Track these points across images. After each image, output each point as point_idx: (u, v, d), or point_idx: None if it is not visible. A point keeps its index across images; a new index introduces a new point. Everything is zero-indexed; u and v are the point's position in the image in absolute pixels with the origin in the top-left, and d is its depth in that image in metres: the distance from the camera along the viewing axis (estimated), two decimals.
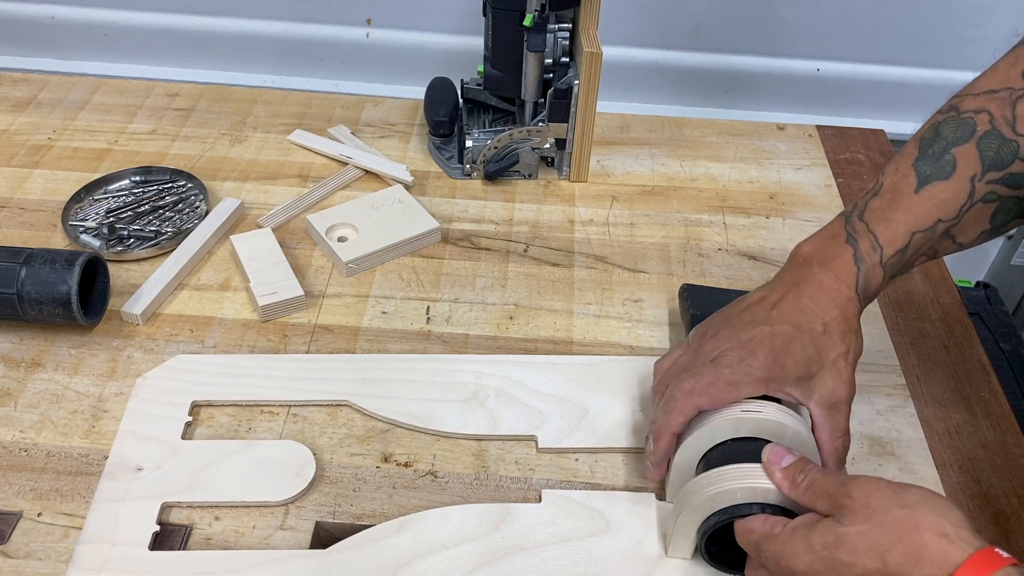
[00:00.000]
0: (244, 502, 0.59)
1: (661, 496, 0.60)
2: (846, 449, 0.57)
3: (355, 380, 0.68)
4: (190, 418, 0.64)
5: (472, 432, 0.65)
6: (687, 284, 0.74)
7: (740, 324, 0.57)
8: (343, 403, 0.66)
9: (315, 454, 0.62)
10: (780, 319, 0.56)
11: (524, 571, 0.56)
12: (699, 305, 0.70)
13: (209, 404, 0.66)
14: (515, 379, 0.68)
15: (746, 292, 0.63)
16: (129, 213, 0.83)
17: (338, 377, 0.68)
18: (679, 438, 0.56)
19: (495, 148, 0.88)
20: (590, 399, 0.67)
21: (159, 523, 0.58)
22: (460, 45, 1.13)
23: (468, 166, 0.89)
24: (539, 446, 0.64)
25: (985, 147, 0.56)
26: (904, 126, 1.17)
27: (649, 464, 0.58)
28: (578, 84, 0.83)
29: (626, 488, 0.62)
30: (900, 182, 0.58)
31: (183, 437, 0.63)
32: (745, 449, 0.54)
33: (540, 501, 0.60)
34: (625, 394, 0.67)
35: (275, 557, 0.56)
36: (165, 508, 0.59)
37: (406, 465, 0.63)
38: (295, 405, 0.66)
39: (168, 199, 0.85)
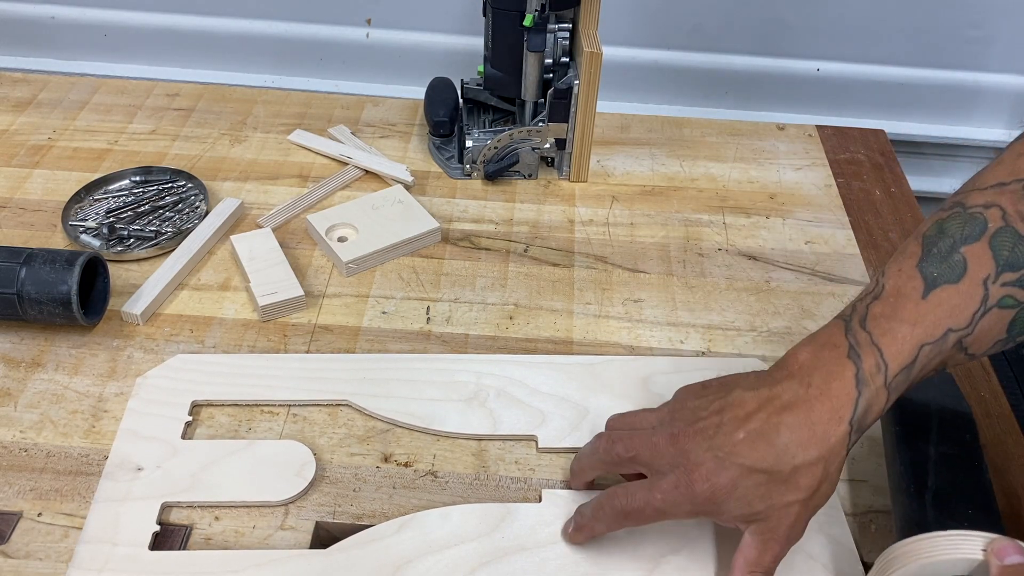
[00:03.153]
0: (244, 502, 0.59)
1: None
2: None
3: (355, 380, 0.68)
4: (190, 418, 0.64)
5: (473, 432, 0.65)
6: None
7: (698, 434, 0.51)
8: (343, 403, 0.66)
9: (315, 454, 0.62)
10: (739, 450, 0.50)
11: (525, 571, 0.56)
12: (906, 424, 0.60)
13: (209, 404, 0.66)
14: (516, 379, 0.68)
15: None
16: (129, 213, 0.83)
17: (338, 377, 0.68)
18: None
19: (495, 148, 0.88)
20: (591, 399, 0.67)
21: (159, 523, 0.58)
22: (460, 45, 1.13)
23: (468, 166, 0.89)
24: (539, 446, 0.64)
25: (999, 245, 0.50)
26: (904, 126, 1.17)
27: (571, 532, 0.57)
28: (578, 84, 0.83)
29: None
30: (904, 285, 0.52)
31: (183, 437, 0.63)
32: None
33: (540, 501, 0.60)
34: (626, 394, 0.67)
35: (276, 557, 0.56)
36: (165, 508, 0.59)
37: (406, 465, 0.63)
38: (295, 405, 0.66)
39: (168, 199, 0.85)
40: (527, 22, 0.80)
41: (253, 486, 0.60)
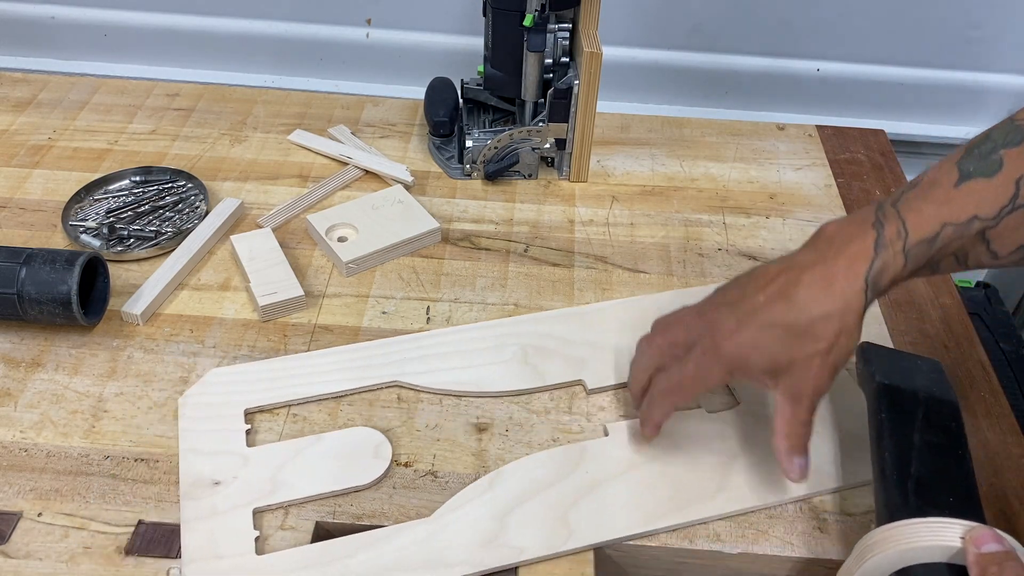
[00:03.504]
0: (332, 491, 0.60)
1: (710, 409, 0.67)
2: (800, 439, 0.56)
3: (394, 362, 0.69)
4: (248, 426, 0.64)
5: (523, 387, 0.67)
6: (868, 343, 0.64)
7: (725, 306, 0.57)
8: (392, 384, 0.68)
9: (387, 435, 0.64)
10: (762, 309, 0.55)
11: (614, 497, 0.60)
12: (885, 373, 0.62)
13: (261, 409, 0.66)
14: (546, 333, 0.72)
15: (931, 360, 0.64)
16: (129, 213, 0.83)
17: (379, 362, 0.69)
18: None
19: (495, 148, 0.88)
20: (615, 339, 0.70)
21: (256, 529, 0.58)
22: (460, 45, 1.13)
23: (468, 166, 0.89)
24: (588, 389, 0.68)
25: None
26: (904, 126, 1.17)
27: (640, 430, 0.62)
28: (578, 84, 0.83)
29: None
30: (940, 177, 0.55)
31: (248, 445, 0.63)
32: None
33: (607, 435, 0.64)
34: (644, 328, 0.68)
35: (384, 535, 0.57)
36: (257, 513, 0.59)
37: (406, 465, 0.63)
38: (345, 395, 0.67)
39: (168, 199, 0.85)
40: (527, 22, 0.80)
41: (336, 475, 0.61)
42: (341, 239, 0.80)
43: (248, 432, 0.64)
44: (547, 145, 0.88)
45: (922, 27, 1.09)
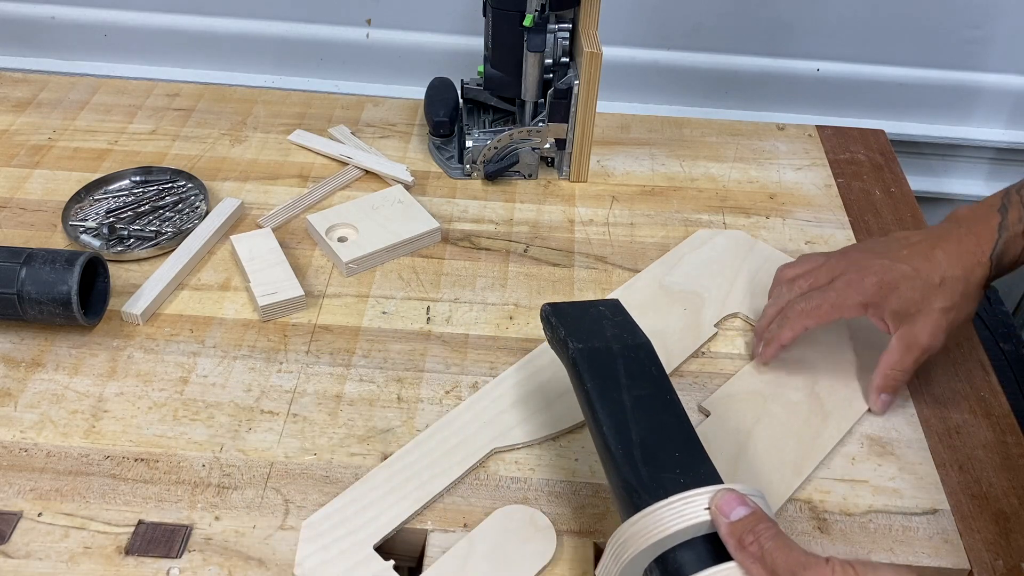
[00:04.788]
0: None
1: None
2: (897, 383, 0.64)
3: (478, 429, 0.65)
4: (392, 561, 0.57)
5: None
6: (547, 304, 0.61)
7: (870, 252, 0.64)
8: (491, 453, 0.64)
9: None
10: (904, 259, 0.62)
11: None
12: (577, 334, 0.58)
13: (385, 539, 0.58)
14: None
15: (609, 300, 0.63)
16: (129, 213, 0.83)
17: (463, 435, 0.64)
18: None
19: (495, 148, 0.88)
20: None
21: None
22: (460, 45, 1.13)
23: (468, 166, 0.89)
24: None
25: None
26: (904, 126, 1.17)
27: (760, 351, 0.68)
28: (578, 84, 0.83)
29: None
30: None
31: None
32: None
33: None
34: (660, 310, 0.69)
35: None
36: None
37: None
38: (454, 486, 0.61)
39: (168, 199, 0.85)
40: (527, 22, 0.80)
41: (511, 565, 0.56)
42: (341, 239, 0.80)
43: (396, 568, 0.56)
44: (547, 145, 0.88)
45: (922, 27, 1.09)
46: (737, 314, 0.75)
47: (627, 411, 0.53)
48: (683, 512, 0.46)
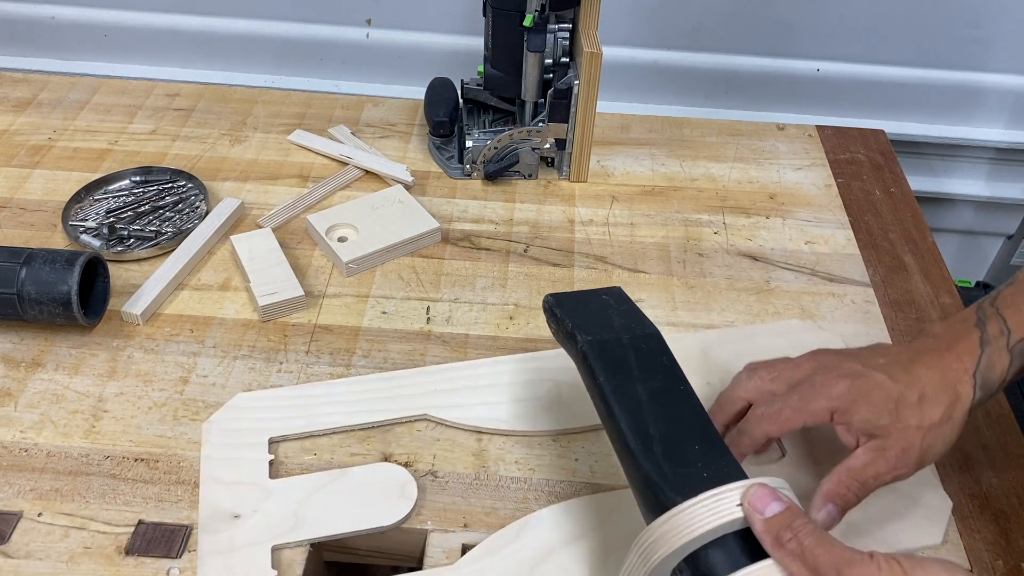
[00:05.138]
0: (356, 531, 0.58)
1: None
2: (850, 496, 0.53)
3: (427, 393, 0.67)
4: (272, 456, 0.62)
5: (557, 427, 0.65)
6: (550, 295, 0.60)
7: (842, 355, 0.58)
8: (421, 417, 0.66)
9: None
10: (880, 367, 0.55)
11: None
12: (585, 327, 0.57)
13: (285, 439, 0.64)
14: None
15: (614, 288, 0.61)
16: (129, 213, 0.83)
17: (410, 392, 0.67)
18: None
19: (495, 148, 0.88)
20: None
21: (273, 568, 0.56)
22: (460, 45, 1.13)
23: (468, 166, 0.89)
24: None
25: None
26: (904, 126, 1.17)
27: None
28: (578, 84, 0.83)
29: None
30: None
31: (271, 476, 0.61)
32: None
33: None
34: (691, 369, 0.67)
35: None
36: (276, 551, 0.57)
37: (406, 465, 0.63)
38: (373, 427, 0.65)
39: (168, 199, 0.85)
40: (527, 22, 0.80)
41: (359, 514, 0.59)
42: (341, 239, 0.80)
43: (271, 463, 0.62)
44: (547, 145, 0.88)
45: (922, 27, 1.09)
46: None
47: (643, 405, 0.52)
48: (715, 510, 0.44)
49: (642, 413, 0.51)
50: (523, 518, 0.59)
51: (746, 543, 0.44)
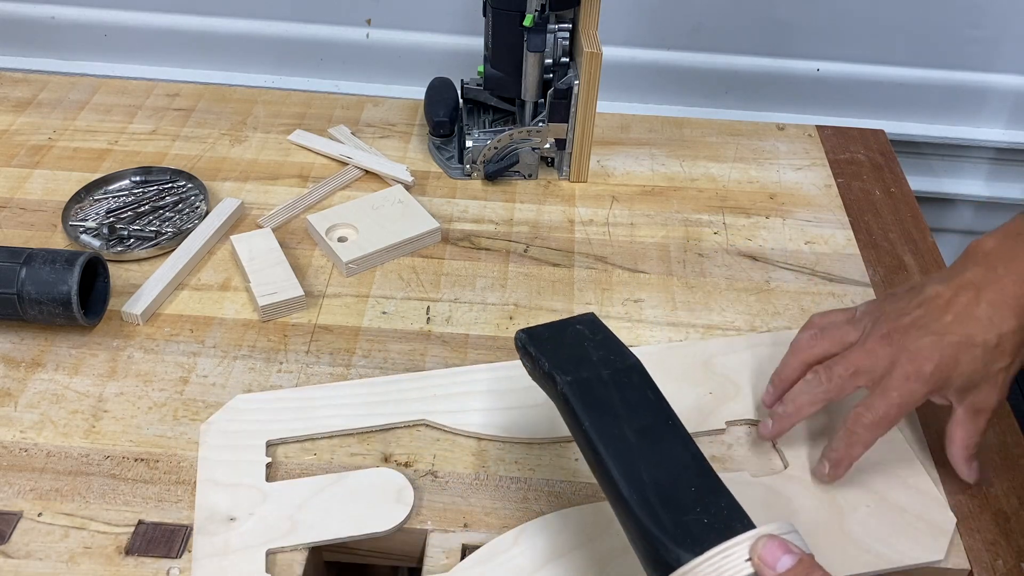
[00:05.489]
0: (351, 536, 0.58)
1: (755, 473, 0.62)
2: (976, 448, 0.59)
3: (427, 398, 0.67)
4: (269, 459, 0.62)
5: (557, 435, 0.64)
6: (521, 332, 0.56)
7: (911, 326, 0.57)
8: (420, 422, 0.65)
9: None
10: (952, 328, 0.56)
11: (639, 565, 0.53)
12: (563, 366, 0.53)
13: (284, 441, 0.64)
14: None
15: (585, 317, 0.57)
16: (129, 213, 0.83)
17: (409, 396, 0.67)
18: None
19: (495, 148, 0.88)
20: (663, 389, 0.63)
21: (268, 572, 0.56)
22: (460, 45, 1.13)
23: (468, 166, 0.89)
24: None
25: None
26: (904, 126, 1.17)
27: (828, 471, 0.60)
28: (578, 84, 0.83)
29: None
30: None
31: (268, 479, 0.61)
32: None
33: None
34: (693, 379, 0.67)
35: None
36: (271, 554, 0.57)
37: (406, 465, 0.63)
38: (372, 431, 0.65)
39: (168, 199, 0.85)
40: (527, 22, 0.80)
41: (355, 519, 0.58)
42: (341, 239, 0.80)
43: (269, 465, 0.62)
44: (547, 145, 0.88)
45: (922, 27, 1.09)
46: (757, 422, 0.66)
47: (633, 448, 0.49)
48: (723, 568, 0.42)
49: (633, 457, 0.48)
50: (521, 525, 0.59)
51: None
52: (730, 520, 0.45)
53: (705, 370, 0.69)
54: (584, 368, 0.53)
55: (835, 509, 0.60)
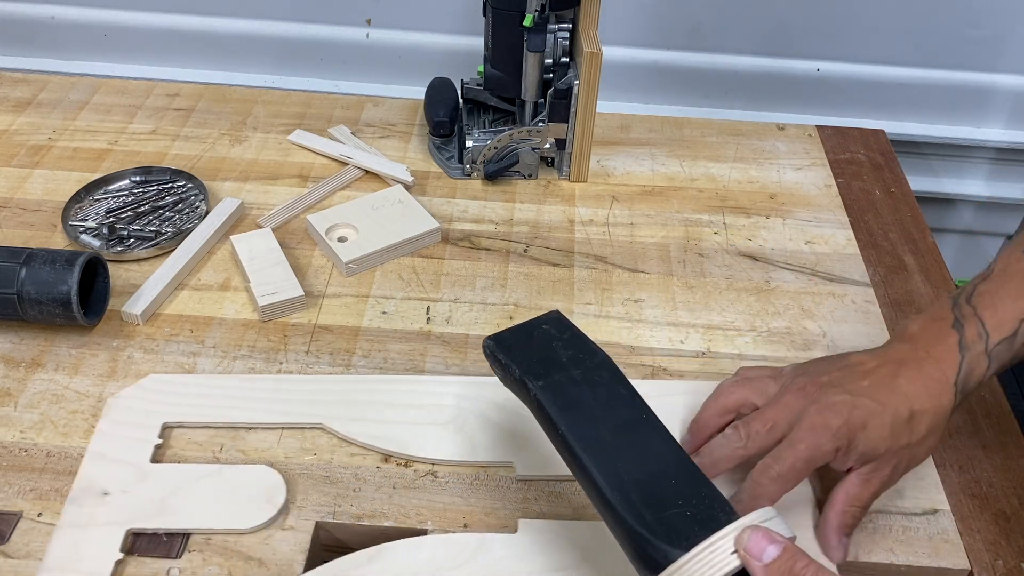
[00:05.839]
0: (211, 529, 0.57)
1: None
2: (854, 521, 0.55)
3: (333, 402, 0.66)
4: (160, 440, 0.62)
5: (447, 458, 0.62)
6: (488, 339, 0.56)
7: (827, 384, 0.55)
8: (317, 426, 0.65)
9: (286, 479, 0.61)
10: (867, 391, 0.54)
11: None
12: (534, 371, 0.53)
13: (180, 425, 0.64)
14: (497, 403, 0.65)
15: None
16: (129, 213, 0.83)
17: (317, 399, 0.66)
18: None
19: (495, 148, 0.88)
20: None
21: (123, 551, 0.56)
22: (460, 45, 1.13)
23: (468, 166, 0.89)
24: (517, 474, 0.62)
25: None
26: (904, 126, 1.17)
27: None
28: (578, 84, 0.83)
29: None
30: (1012, 266, 0.56)
31: (152, 460, 0.61)
32: None
33: (516, 531, 0.58)
34: None
35: None
36: (130, 535, 0.57)
37: (406, 465, 0.63)
38: (268, 427, 0.65)
39: (168, 199, 0.85)
40: (527, 22, 0.80)
41: (221, 513, 0.58)
42: (341, 239, 0.80)
43: (158, 447, 0.62)
44: (547, 145, 0.88)
45: (922, 27, 1.09)
46: None
47: (610, 447, 0.49)
48: (711, 562, 0.43)
49: (611, 457, 0.48)
50: (380, 545, 0.57)
51: None
52: (712, 510, 0.45)
53: None
54: (554, 370, 0.53)
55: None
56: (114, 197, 0.85)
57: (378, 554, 0.56)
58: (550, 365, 0.53)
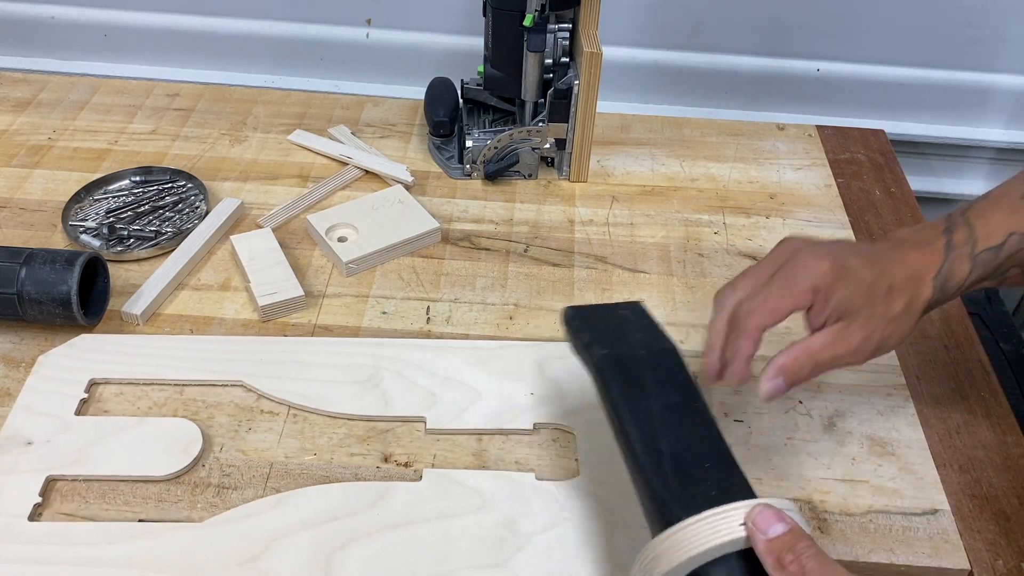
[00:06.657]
0: (129, 476, 0.61)
1: (541, 476, 0.62)
2: (801, 373, 0.54)
3: (253, 361, 0.69)
4: (86, 395, 0.65)
5: (363, 413, 0.65)
6: (569, 308, 0.60)
7: (819, 241, 0.57)
8: (237, 383, 0.67)
9: (204, 432, 0.63)
10: (855, 252, 0.56)
11: (397, 547, 0.57)
12: (602, 340, 0.56)
13: (107, 382, 0.67)
14: (413, 362, 0.69)
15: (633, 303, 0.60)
16: (129, 213, 0.83)
17: (237, 358, 0.69)
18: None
19: (495, 148, 0.88)
20: (485, 382, 0.68)
21: (42, 495, 0.59)
22: (460, 45, 1.13)
23: (468, 166, 0.89)
24: (427, 427, 0.65)
25: None
26: (904, 126, 1.17)
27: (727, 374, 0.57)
28: (578, 84, 0.83)
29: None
30: (1010, 189, 0.58)
31: (77, 413, 0.64)
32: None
33: (421, 479, 0.61)
34: (520, 378, 0.68)
35: (151, 529, 0.58)
36: (50, 481, 0.60)
37: (406, 465, 0.63)
38: (190, 384, 0.67)
39: (168, 199, 0.85)
40: (527, 22, 0.80)
41: (138, 461, 0.61)
42: (341, 239, 0.80)
43: (83, 401, 0.65)
44: (547, 145, 0.88)
45: (922, 27, 1.09)
46: (567, 429, 0.66)
47: (656, 420, 0.51)
48: (718, 527, 0.44)
49: (654, 428, 0.51)
50: (288, 492, 0.60)
51: (748, 563, 0.44)
52: (737, 497, 0.46)
53: (538, 371, 0.69)
54: (621, 345, 0.55)
55: (615, 518, 0.59)
56: (114, 197, 0.85)
57: (283, 500, 0.59)
58: (618, 340, 0.56)
